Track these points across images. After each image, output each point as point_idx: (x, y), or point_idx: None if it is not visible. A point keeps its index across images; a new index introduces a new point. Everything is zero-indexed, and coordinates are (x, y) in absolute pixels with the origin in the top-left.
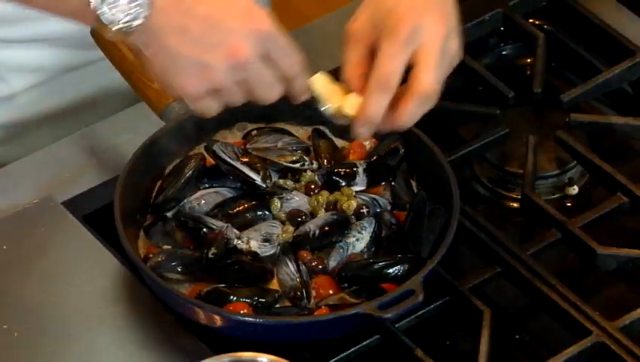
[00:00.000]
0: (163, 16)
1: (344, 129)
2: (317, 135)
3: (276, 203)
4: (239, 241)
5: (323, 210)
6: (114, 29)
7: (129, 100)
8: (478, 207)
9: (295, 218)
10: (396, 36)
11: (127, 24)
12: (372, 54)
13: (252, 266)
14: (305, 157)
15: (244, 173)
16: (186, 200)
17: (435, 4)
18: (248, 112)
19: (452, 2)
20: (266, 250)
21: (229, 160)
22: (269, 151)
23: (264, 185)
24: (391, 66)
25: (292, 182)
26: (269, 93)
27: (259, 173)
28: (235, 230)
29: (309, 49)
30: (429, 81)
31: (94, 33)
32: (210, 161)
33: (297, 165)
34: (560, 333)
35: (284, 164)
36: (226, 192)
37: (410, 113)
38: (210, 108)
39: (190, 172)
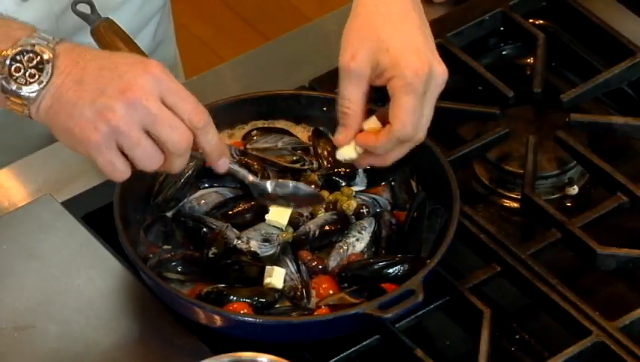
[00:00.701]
0: (63, 75)
1: None
2: (317, 135)
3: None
4: (239, 241)
5: (323, 210)
6: (20, 93)
7: None
8: (478, 207)
9: (295, 218)
10: (415, 88)
11: (33, 88)
12: (370, 88)
13: (252, 266)
14: (305, 158)
15: (242, 174)
16: (185, 200)
17: (427, 38)
18: (248, 113)
19: (426, 22)
20: (266, 250)
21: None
22: (269, 151)
23: (255, 181)
24: (413, 121)
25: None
26: (175, 137)
27: (257, 175)
28: (235, 230)
29: (309, 49)
30: (426, 128)
31: (96, 33)
32: None
33: (297, 165)
34: (560, 333)
35: (284, 164)
36: (225, 192)
37: (404, 152)
38: (117, 165)
39: (190, 172)
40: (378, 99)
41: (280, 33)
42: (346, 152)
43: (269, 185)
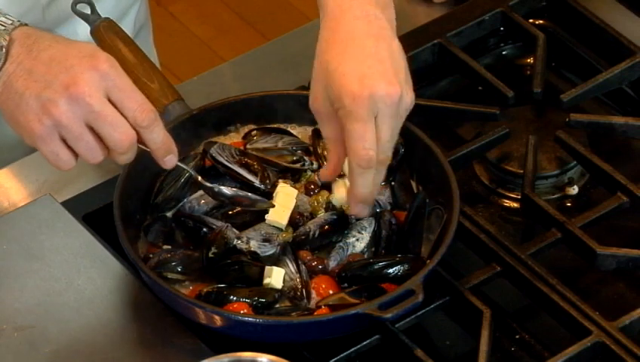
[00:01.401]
0: (15, 63)
1: None
2: (317, 135)
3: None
4: (239, 241)
5: (323, 210)
6: None
7: None
8: (478, 207)
9: (295, 218)
10: (357, 116)
11: None
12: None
13: (252, 266)
14: (305, 158)
15: (242, 175)
16: (185, 200)
17: (380, 61)
18: (248, 113)
19: (398, 48)
20: (266, 250)
21: (226, 162)
22: (269, 151)
23: (262, 187)
24: (364, 147)
25: (292, 182)
26: (116, 135)
27: (257, 175)
28: (235, 230)
29: (309, 49)
30: (388, 149)
31: (96, 33)
32: (209, 160)
33: (297, 165)
34: (560, 333)
35: (284, 164)
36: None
37: (377, 180)
38: (61, 155)
39: (189, 172)
40: None
41: (280, 33)
42: (340, 196)
43: (224, 188)
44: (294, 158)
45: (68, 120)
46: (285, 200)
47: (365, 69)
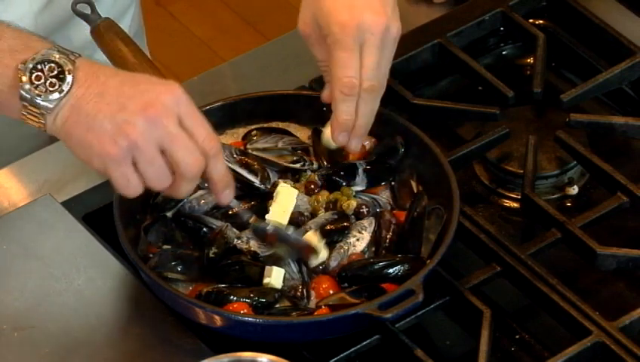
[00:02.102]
0: (84, 87)
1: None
2: (317, 135)
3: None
4: (239, 241)
5: (323, 209)
6: (39, 102)
7: None
8: (478, 207)
9: (295, 218)
10: (343, 44)
11: (53, 97)
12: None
13: (252, 266)
14: (305, 158)
15: (241, 175)
16: (185, 200)
17: None
18: (248, 112)
19: None
20: (266, 250)
21: (226, 162)
22: (269, 151)
23: (263, 187)
24: (347, 73)
25: (292, 182)
26: (189, 160)
27: (257, 175)
28: (235, 230)
29: (309, 49)
30: (373, 77)
31: (96, 33)
32: None
33: (297, 165)
34: (560, 333)
35: (284, 164)
36: None
37: (365, 109)
38: (132, 180)
39: None
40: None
41: (280, 33)
42: (329, 137)
43: (269, 227)
44: (294, 158)
45: (144, 141)
46: (285, 200)
47: (355, 0)
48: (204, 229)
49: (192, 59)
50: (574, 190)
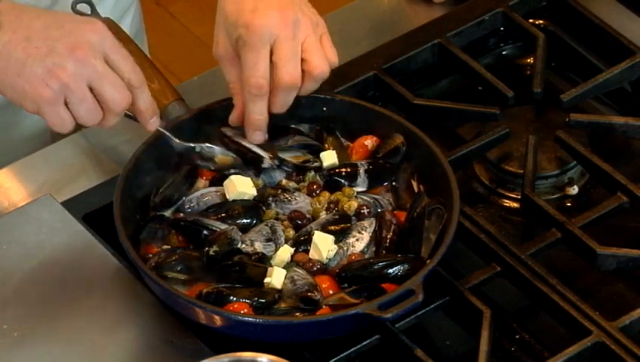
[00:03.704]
0: (9, 32)
1: (347, 130)
2: (317, 135)
3: (272, 213)
4: (244, 245)
5: (324, 211)
6: None
7: None
8: (478, 207)
9: (296, 220)
10: (250, 45)
11: None
12: None
13: (253, 267)
14: (311, 156)
15: (250, 149)
16: (185, 200)
17: None
18: None
19: None
20: (271, 249)
21: (236, 139)
22: (283, 151)
23: (270, 164)
24: (255, 74)
25: (295, 183)
26: (117, 95)
27: (267, 152)
28: (240, 233)
29: None
30: (287, 73)
31: None
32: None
33: (308, 163)
34: (560, 333)
35: (294, 162)
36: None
37: (281, 103)
38: (66, 120)
39: (188, 167)
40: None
41: None
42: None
43: (197, 147)
44: (305, 158)
45: (75, 83)
46: (241, 186)
47: (258, 3)
48: (205, 231)
49: (192, 59)
50: (574, 190)
